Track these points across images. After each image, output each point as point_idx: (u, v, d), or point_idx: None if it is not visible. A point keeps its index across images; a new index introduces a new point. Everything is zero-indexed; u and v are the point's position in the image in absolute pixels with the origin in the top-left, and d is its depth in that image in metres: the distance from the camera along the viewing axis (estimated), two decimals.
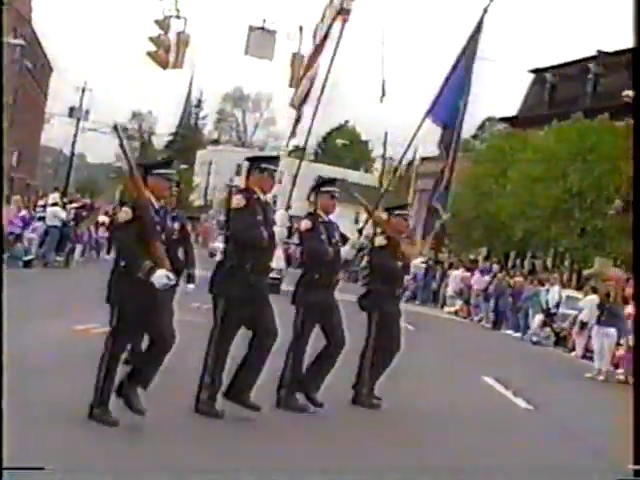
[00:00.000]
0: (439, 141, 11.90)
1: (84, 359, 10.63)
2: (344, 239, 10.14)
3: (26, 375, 8.58)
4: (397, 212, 11.00)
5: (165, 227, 8.07)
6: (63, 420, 7.59)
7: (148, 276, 7.56)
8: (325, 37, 11.14)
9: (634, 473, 5.92)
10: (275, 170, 9.15)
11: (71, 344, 11.81)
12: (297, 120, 11.57)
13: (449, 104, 11.40)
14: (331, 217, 10.00)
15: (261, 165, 9.11)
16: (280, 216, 9.46)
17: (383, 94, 11.17)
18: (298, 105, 11.45)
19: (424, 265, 36.06)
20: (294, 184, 10.67)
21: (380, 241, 10.70)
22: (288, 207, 10.17)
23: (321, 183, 10.19)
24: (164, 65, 22.08)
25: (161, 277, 7.58)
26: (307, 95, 11.27)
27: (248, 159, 9.44)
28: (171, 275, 7.65)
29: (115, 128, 8.86)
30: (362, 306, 10.78)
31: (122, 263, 7.79)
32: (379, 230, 10.90)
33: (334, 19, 11.01)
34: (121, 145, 8.33)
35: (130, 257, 7.72)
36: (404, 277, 11.33)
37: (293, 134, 11.93)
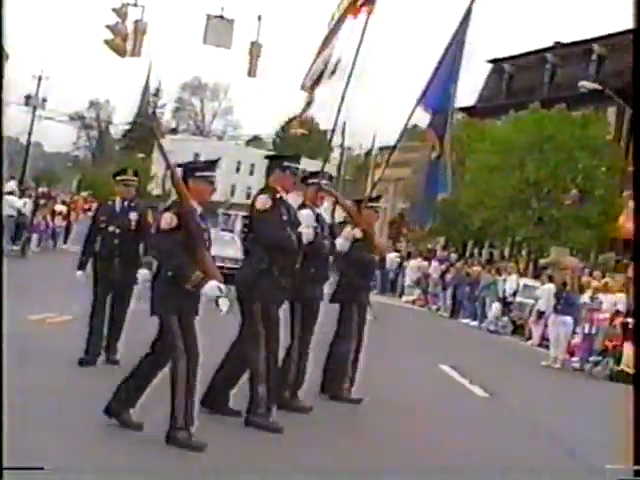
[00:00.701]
0: (428, 125, 11.89)
1: (43, 350, 10.65)
2: (331, 231, 9.98)
3: None
4: (369, 204, 10.90)
5: (209, 234, 7.65)
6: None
7: (198, 288, 7.23)
8: (340, 20, 11.05)
9: (634, 473, 5.99)
10: (297, 168, 8.91)
11: (27, 334, 11.72)
12: (309, 103, 11.41)
13: (438, 90, 11.39)
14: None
15: (283, 164, 8.82)
16: (306, 216, 9.13)
17: (333, 72, 11.08)
18: (310, 86, 11.29)
19: (399, 260, 36.09)
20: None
21: (357, 234, 10.41)
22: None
23: (307, 175, 9.87)
24: (121, 53, 22.01)
25: (213, 289, 7.21)
26: (321, 77, 11.16)
27: (268, 157, 9.11)
28: (222, 287, 7.26)
29: (150, 119, 8.28)
30: (337, 298, 10.61)
31: (169, 273, 7.38)
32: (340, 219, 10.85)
33: (351, 4, 10.93)
34: (159, 145, 7.89)
35: (178, 267, 7.31)
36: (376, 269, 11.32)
37: (302, 116, 11.76)
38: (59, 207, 34.59)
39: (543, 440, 10.56)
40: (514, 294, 27.08)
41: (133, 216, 10.88)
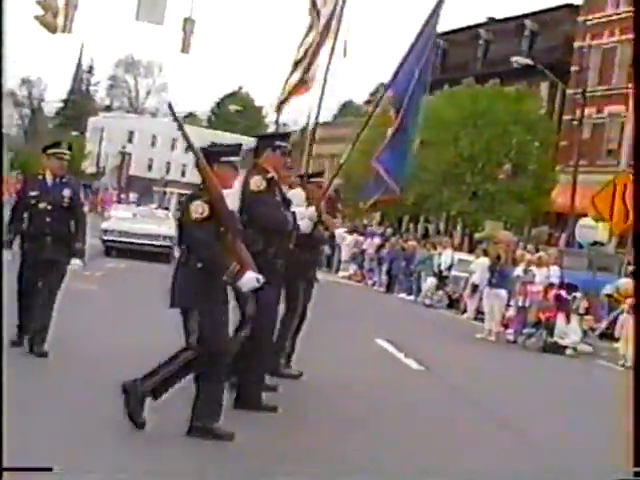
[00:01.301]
0: (387, 103, 11.87)
1: None
2: None
3: None
4: (312, 180, 10.82)
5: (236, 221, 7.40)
6: None
7: (236, 279, 7.06)
8: (332, 14, 10.98)
9: (634, 474, 6.08)
10: (287, 147, 8.77)
11: None
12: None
13: (406, 73, 11.38)
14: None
15: (274, 143, 8.68)
16: (296, 196, 8.99)
17: (344, 54, 11.07)
18: (283, 101, 11.25)
19: (346, 235, 36.13)
20: (309, 158, 10.57)
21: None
22: (303, 186, 9.79)
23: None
24: (52, 29, 21.69)
25: (251, 280, 7.07)
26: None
27: (258, 137, 9.00)
28: (260, 277, 7.11)
29: (170, 108, 7.84)
30: (285, 275, 10.44)
31: (199, 264, 7.11)
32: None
33: None
34: (180, 127, 7.39)
35: (212, 258, 7.08)
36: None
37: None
38: None
39: (478, 411, 10.68)
40: (449, 268, 27.28)
41: (67, 192, 10.32)
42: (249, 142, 16.53)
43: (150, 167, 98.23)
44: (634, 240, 7.41)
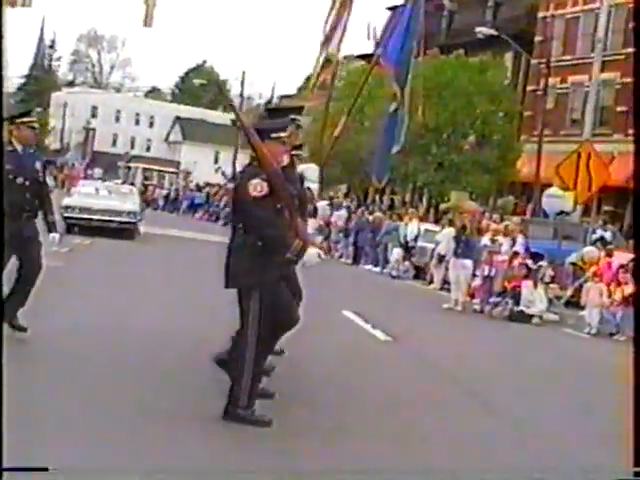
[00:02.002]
0: (393, 80, 11.91)
1: None
2: None
3: None
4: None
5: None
6: None
7: (299, 256, 7.08)
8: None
9: (634, 474, 6.14)
10: (300, 120, 8.85)
11: None
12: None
13: (397, 45, 11.35)
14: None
15: (289, 117, 8.68)
16: (311, 171, 8.98)
17: (369, 37, 11.20)
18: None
19: (327, 207, 36.11)
20: (322, 132, 10.53)
21: None
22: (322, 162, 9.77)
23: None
24: (12, 3, 21.47)
25: (314, 256, 7.17)
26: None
27: (267, 110, 9.01)
28: (322, 254, 7.17)
29: (220, 88, 7.86)
30: None
31: (259, 243, 7.01)
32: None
33: None
34: (234, 110, 7.46)
35: (275, 236, 7.02)
36: None
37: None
38: None
39: (445, 380, 10.75)
40: (415, 239, 27.31)
41: (39, 165, 9.85)
42: (214, 116, 16.45)
43: (115, 142, 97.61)
44: (634, 201, 7.43)
